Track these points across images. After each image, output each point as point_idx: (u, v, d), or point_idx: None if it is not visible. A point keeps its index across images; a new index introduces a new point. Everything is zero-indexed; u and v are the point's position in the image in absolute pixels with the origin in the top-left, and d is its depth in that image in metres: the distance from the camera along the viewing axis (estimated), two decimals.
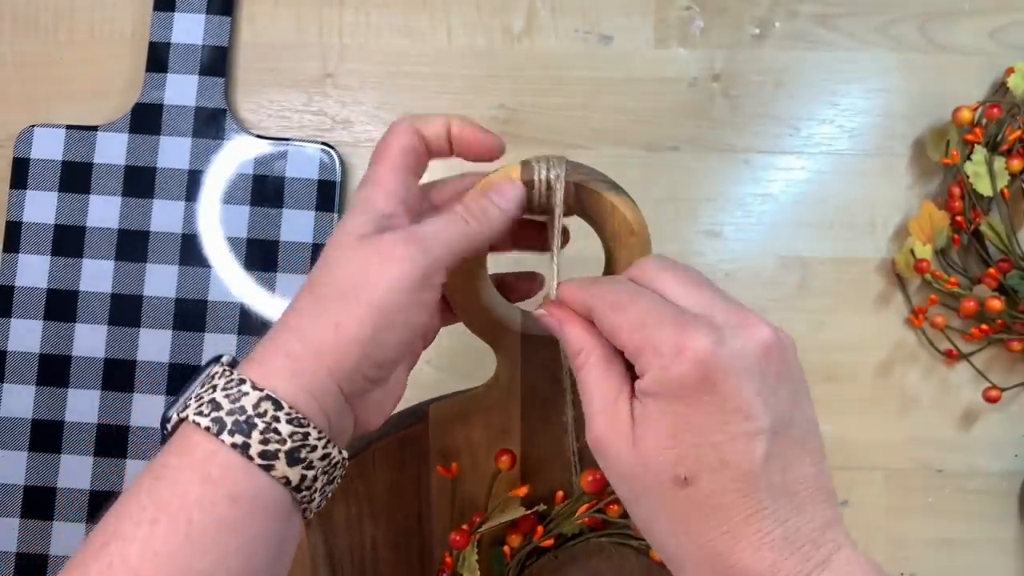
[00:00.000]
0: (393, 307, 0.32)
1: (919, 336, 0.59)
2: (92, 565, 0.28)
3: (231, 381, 0.31)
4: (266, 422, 0.30)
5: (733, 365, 0.29)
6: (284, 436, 0.30)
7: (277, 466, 0.30)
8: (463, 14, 0.61)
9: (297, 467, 0.30)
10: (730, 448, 0.29)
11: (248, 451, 0.29)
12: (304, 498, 0.31)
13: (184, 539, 0.28)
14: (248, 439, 0.29)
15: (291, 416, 0.30)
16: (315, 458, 0.31)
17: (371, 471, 0.43)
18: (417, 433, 0.43)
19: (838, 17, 0.61)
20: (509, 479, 0.43)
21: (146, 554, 0.28)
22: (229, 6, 0.59)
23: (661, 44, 0.61)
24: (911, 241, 0.57)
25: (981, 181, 0.56)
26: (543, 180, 0.36)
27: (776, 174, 0.60)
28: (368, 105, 0.60)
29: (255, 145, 0.58)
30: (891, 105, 0.60)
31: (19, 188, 0.58)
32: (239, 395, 0.30)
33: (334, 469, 0.32)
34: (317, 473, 0.31)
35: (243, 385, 0.30)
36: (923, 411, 0.59)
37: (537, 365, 0.41)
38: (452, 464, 0.43)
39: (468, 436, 0.43)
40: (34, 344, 0.57)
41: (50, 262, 0.58)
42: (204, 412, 0.30)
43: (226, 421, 0.30)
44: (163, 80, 0.59)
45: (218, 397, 0.30)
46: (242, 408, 0.30)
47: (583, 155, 0.59)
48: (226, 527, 0.29)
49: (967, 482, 0.58)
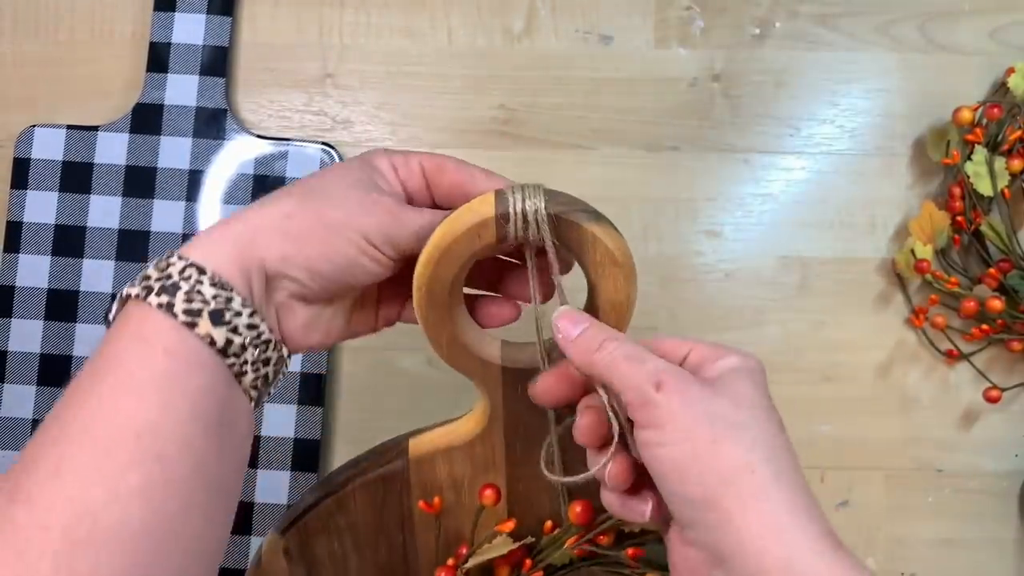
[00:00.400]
0: (346, 238, 0.34)
1: (919, 336, 0.59)
2: (49, 430, 0.30)
3: (162, 259, 0.33)
4: (190, 284, 0.32)
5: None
6: (207, 297, 0.32)
7: (200, 324, 0.31)
8: (463, 14, 0.61)
9: (221, 328, 0.32)
10: None
11: (172, 309, 0.31)
12: (235, 367, 0.32)
13: (127, 392, 0.30)
14: (172, 299, 0.31)
15: (214, 280, 0.32)
16: (241, 324, 0.32)
17: (352, 506, 0.42)
18: (397, 468, 0.42)
19: (838, 17, 0.61)
20: (495, 512, 0.42)
21: (97, 411, 0.30)
22: (229, 6, 0.59)
23: (661, 44, 0.61)
24: (911, 241, 0.57)
25: (981, 181, 0.56)
26: (519, 212, 0.34)
27: (776, 174, 0.60)
28: (368, 105, 0.60)
29: (255, 145, 0.58)
30: (891, 105, 0.60)
31: (19, 188, 0.58)
32: (167, 265, 0.33)
33: (267, 347, 0.34)
34: (245, 342, 0.33)
35: (171, 258, 0.33)
36: (923, 411, 0.59)
37: (519, 397, 0.39)
38: (435, 498, 0.42)
39: (451, 471, 0.42)
40: (34, 344, 0.57)
41: (50, 262, 0.58)
42: (136, 283, 0.32)
43: (153, 286, 0.32)
44: (163, 80, 0.59)
45: (149, 271, 0.33)
46: (168, 275, 0.32)
47: (583, 155, 0.60)
48: (167, 380, 0.31)
49: (967, 482, 0.58)
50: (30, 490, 0.28)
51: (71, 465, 0.28)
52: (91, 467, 0.28)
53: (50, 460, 0.29)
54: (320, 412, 0.57)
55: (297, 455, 0.56)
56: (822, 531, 0.29)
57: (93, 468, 0.28)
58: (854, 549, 0.58)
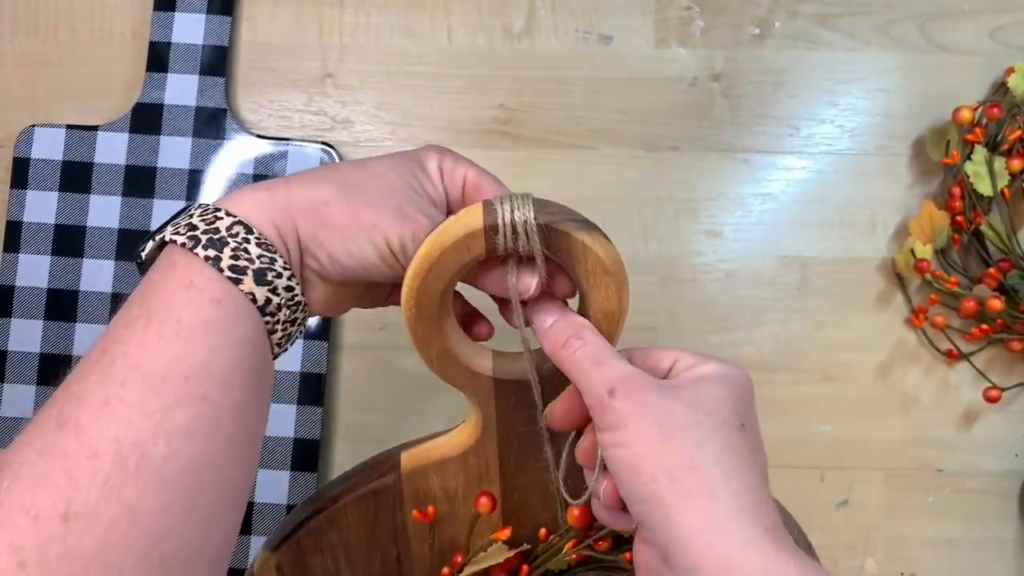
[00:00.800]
0: (371, 241, 0.35)
1: (919, 336, 0.59)
2: (94, 368, 0.30)
3: (207, 211, 0.34)
4: (237, 242, 0.33)
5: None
6: (253, 256, 0.33)
7: (245, 281, 0.32)
8: (463, 14, 0.61)
9: (263, 288, 0.33)
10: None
11: (219, 264, 0.32)
12: (268, 324, 0.33)
13: (175, 335, 0.31)
14: (220, 253, 0.32)
15: (260, 241, 0.33)
16: (280, 285, 0.33)
17: (344, 521, 0.42)
18: (390, 482, 0.41)
19: (838, 17, 0.61)
20: (490, 521, 0.42)
21: (145, 351, 0.30)
22: (229, 6, 0.59)
23: (661, 44, 0.61)
24: (911, 241, 0.57)
25: (981, 181, 0.56)
26: (508, 223, 0.33)
27: (776, 174, 0.60)
28: (368, 105, 0.60)
29: (255, 145, 0.58)
30: (891, 105, 0.60)
31: (19, 188, 0.58)
32: (214, 219, 0.33)
33: (297, 308, 0.35)
34: (281, 303, 0.34)
35: (218, 212, 0.34)
36: (923, 411, 0.59)
37: (512, 407, 0.39)
38: (429, 508, 0.42)
39: (444, 483, 0.41)
40: (34, 344, 0.57)
41: (50, 262, 0.58)
42: (181, 232, 0.33)
43: (201, 238, 0.32)
44: (163, 80, 0.59)
45: (195, 221, 0.33)
46: (216, 229, 0.33)
47: (583, 155, 0.60)
48: (214, 326, 0.31)
49: (967, 482, 0.58)
50: (79, 419, 0.29)
51: (120, 399, 0.29)
52: (140, 403, 0.29)
53: (98, 394, 0.30)
54: (320, 412, 0.57)
55: (297, 455, 0.56)
56: (765, 528, 0.29)
57: (142, 404, 0.29)
58: (854, 549, 0.58)
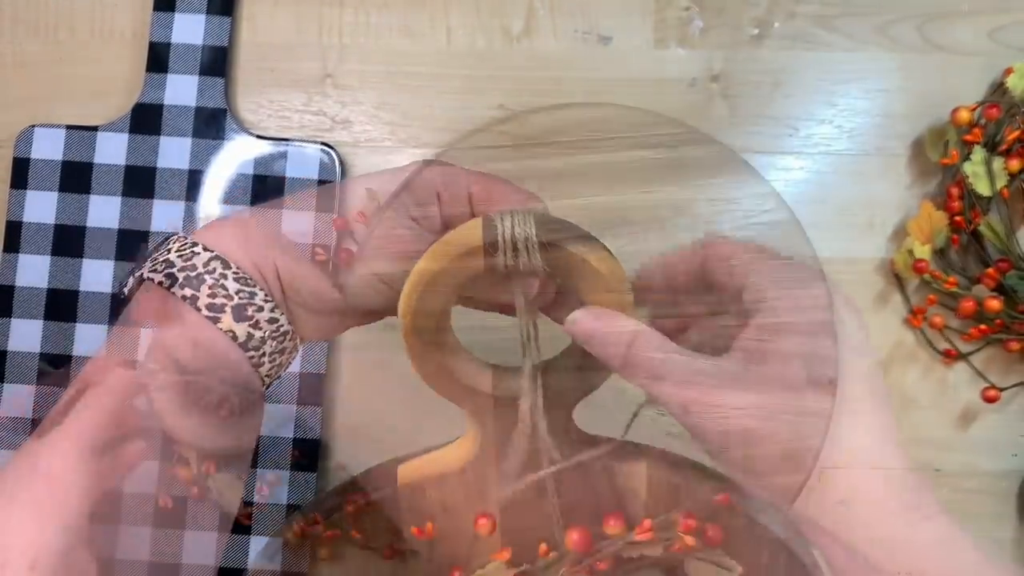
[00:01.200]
0: (360, 276, 0.35)
1: (918, 336, 0.59)
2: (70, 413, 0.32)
3: (184, 244, 0.33)
4: (215, 278, 0.32)
5: None
6: (231, 292, 0.32)
7: (223, 319, 0.32)
8: (463, 14, 0.61)
9: (243, 324, 0.32)
10: None
11: (197, 303, 0.32)
12: (253, 359, 0.33)
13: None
14: (197, 292, 0.32)
15: (238, 275, 0.33)
16: (262, 319, 0.33)
17: (339, 535, 0.42)
18: (386, 496, 0.41)
19: (837, 18, 0.61)
20: (488, 541, 0.41)
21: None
22: (229, 6, 0.59)
23: (660, 44, 0.61)
24: (910, 241, 0.57)
25: (980, 181, 0.56)
26: (508, 241, 0.32)
27: (775, 174, 0.60)
28: (368, 105, 0.60)
29: (255, 145, 0.59)
30: (890, 105, 0.61)
31: (19, 188, 0.58)
32: (191, 255, 0.33)
33: (284, 338, 0.34)
34: (265, 336, 0.33)
35: (195, 247, 0.33)
36: (921, 411, 0.59)
37: (512, 425, 0.37)
38: (428, 525, 0.41)
39: (441, 497, 0.40)
40: (34, 344, 0.57)
41: (50, 262, 0.58)
42: (158, 269, 0.32)
43: (178, 276, 0.32)
44: (163, 80, 0.59)
45: (172, 257, 0.33)
46: (193, 266, 0.33)
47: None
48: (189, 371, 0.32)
49: (965, 482, 0.58)
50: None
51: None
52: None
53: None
54: (320, 412, 0.57)
55: (297, 455, 0.56)
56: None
57: None
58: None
